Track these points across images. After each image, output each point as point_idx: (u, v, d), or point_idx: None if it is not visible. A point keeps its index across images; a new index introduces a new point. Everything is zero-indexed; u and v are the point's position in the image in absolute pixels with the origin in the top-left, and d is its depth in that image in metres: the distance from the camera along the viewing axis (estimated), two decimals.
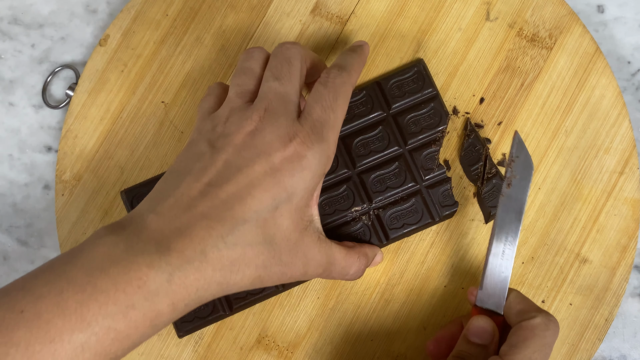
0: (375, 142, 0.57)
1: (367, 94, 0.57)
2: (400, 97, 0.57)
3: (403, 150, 0.57)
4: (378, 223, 0.56)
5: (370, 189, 0.56)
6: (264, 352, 0.58)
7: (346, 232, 0.55)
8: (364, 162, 0.57)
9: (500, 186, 0.57)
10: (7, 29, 0.65)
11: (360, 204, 0.56)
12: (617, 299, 0.58)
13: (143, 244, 0.40)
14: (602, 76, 0.60)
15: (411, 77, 0.58)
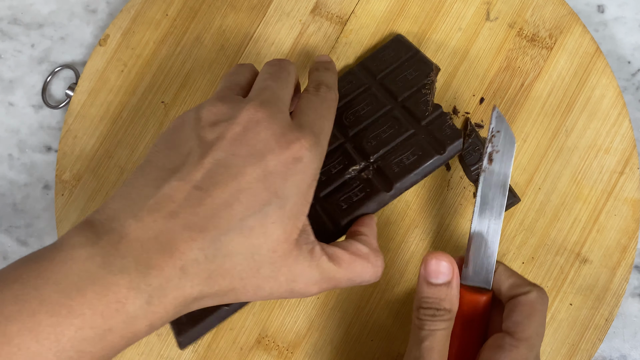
0: (364, 107, 0.55)
1: (352, 74, 0.58)
2: (384, 67, 0.57)
3: (394, 106, 0.54)
4: (380, 175, 0.51)
5: (367, 146, 0.52)
6: (264, 352, 0.58)
7: (344, 193, 0.51)
8: (357, 129, 0.54)
9: None
10: (7, 29, 0.65)
11: (358, 163, 0.52)
12: (617, 299, 0.58)
13: (121, 259, 0.37)
14: (603, 76, 0.60)
15: (391, 48, 0.59)
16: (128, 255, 0.37)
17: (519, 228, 0.58)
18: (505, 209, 0.58)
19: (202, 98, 0.60)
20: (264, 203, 0.39)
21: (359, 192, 0.50)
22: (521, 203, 0.59)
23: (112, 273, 0.36)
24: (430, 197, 0.59)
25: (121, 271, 0.36)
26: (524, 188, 0.59)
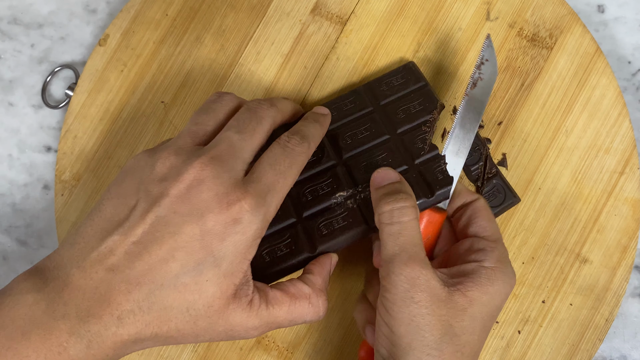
0: (363, 132, 0.54)
1: (356, 93, 0.57)
2: (390, 94, 0.56)
3: (392, 136, 0.54)
4: (365, 206, 0.50)
5: (357, 174, 0.52)
6: (263, 353, 0.57)
7: (327, 218, 0.51)
8: (351, 153, 0.53)
9: (500, 186, 0.57)
10: (7, 29, 0.65)
11: (346, 189, 0.51)
12: (618, 299, 0.58)
13: (64, 306, 0.40)
14: (603, 76, 0.60)
15: (400, 74, 0.57)
16: (70, 302, 0.40)
17: (519, 228, 0.58)
18: (505, 209, 0.58)
19: (201, 98, 0.60)
20: (199, 262, 0.41)
21: (341, 219, 0.50)
22: (521, 203, 0.59)
23: (54, 319, 0.39)
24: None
25: (63, 317, 0.39)
26: (524, 188, 0.59)
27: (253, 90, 0.60)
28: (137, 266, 0.41)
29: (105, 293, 0.40)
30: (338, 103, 0.56)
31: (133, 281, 0.40)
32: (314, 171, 0.53)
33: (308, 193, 0.52)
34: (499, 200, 0.57)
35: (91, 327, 0.39)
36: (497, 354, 0.57)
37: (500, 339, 0.57)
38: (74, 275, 0.41)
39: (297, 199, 0.51)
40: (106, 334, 0.40)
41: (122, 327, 0.40)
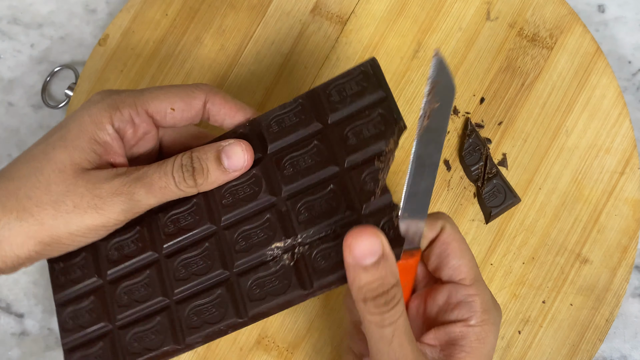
0: (307, 160, 0.45)
1: (302, 103, 0.46)
2: (341, 103, 0.45)
3: (339, 171, 0.44)
4: (303, 264, 0.43)
5: (296, 220, 0.44)
6: (263, 353, 0.57)
7: (262, 276, 0.44)
8: (292, 186, 0.45)
9: (500, 186, 0.57)
10: (7, 29, 0.64)
11: (283, 239, 0.44)
12: (618, 299, 0.58)
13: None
14: (603, 76, 0.60)
15: (355, 79, 0.45)
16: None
17: (520, 228, 0.58)
18: (506, 209, 0.58)
19: None
20: (50, 135, 0.45)
21: (275, 280, 0.44)
22: (521, 203, 0.59)
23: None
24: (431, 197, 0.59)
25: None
26: (525, 188, 0.59)
27: (253, 90, 0.60)
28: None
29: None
30: (280, 115, 0.46)
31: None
32: (248, 209, 0.46)
33: (241, 239, 0.45)
34: (499, 200, 0.57)
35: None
36: (497, 354, 0.57)
37: (500, 339, 0.57)
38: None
39: (229, 246, 0.45)
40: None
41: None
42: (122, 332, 0.47)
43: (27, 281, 0.62)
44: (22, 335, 0.62)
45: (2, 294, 0.62)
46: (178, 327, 0.45)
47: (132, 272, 0.47)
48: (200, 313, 0.45)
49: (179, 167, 0.44)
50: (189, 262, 0.46)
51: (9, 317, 0.62)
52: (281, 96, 0.60)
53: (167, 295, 0.46)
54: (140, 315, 0.47)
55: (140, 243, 0.47)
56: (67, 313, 0.48)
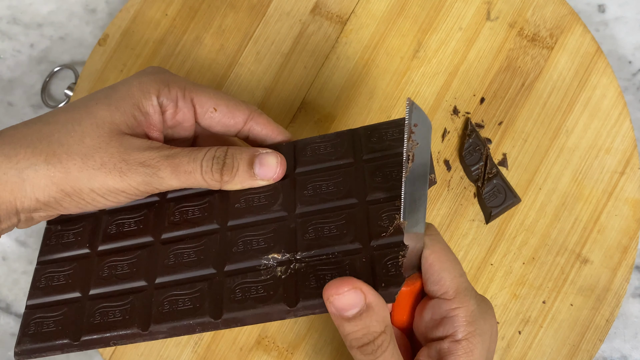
0: (329, 186, 0.45)
1: (342, 136, 0.48)
2: (379, 145, 0.47)
3: (359, 202, 0.45)
4: (294, 281, 0.43)
5: (301, 238, 0.44)
6: (263, 353, 0.57)
7: (249, 282, 0.43)
8: (308, 207, 0.45)
9: (500, 186, 0.57)
10: (7, 29, 0.64)
11: (282, 252, 0.44)
12: (618, 299, 0.58)
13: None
14: (603, 76, 0.60)
15: (399, 128, 0.47)
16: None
17: (520, 228, 0.58)
18: (506, 209, 0.58)
19: None
20: (96, 93, 0.45)
21: (261, 288, 0.43)
22: (522, 203, 0.58)
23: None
24: (431, 197, 0.59)
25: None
26: (525, 188, 0.59)
27: (253, 90, 0.60)
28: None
29: None
30: (317, 143, 0.48)
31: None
32: (258, 218, 0.46)
33: (241, 243, 0.45)
34: (499, 201, 0.57)
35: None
36: (497, 355, 0.57)
37: (500, 339, 0.57)
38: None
39: (227, 246, 0.45)
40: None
41: (0, 140, 0.43)
42: (89, 303, 0.45)
43: (27, 281, 0.62)
44: None
45: (2, 294, 0.62)
46: (147, 311, 0.44)
47: (123, 250, 0.47)
48: (175, 303, 0.44)
49: (210, 157, 0.45)
50: (181, 252, 0.46)
51: (9, 317, 0.62)
52: (281, 96, 0.60)
53: (149, 279, 0.45)
54: (114, 291, 0.46)
55: (141, 225, 0.47)
56: (44, 273, 0.47)
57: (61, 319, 0.45)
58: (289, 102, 0.60)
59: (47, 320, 0.45)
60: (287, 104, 0.60)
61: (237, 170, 0.45)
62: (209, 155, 0.45)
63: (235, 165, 0.45)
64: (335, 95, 0.60)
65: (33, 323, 0.45)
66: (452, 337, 0.41)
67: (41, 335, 0.45)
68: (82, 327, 0.44)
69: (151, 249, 0.47)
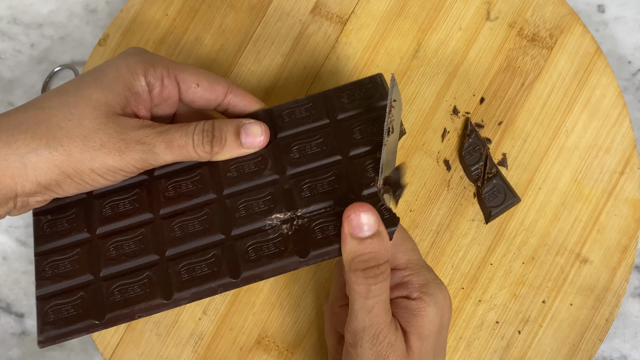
0: (313, 147, 0.49)
1: (314, 99, 0.51)
2: (350, 108, 0.50)
3: (343, 158, 0.49)
4: (300, 235, 0.46)
5: (298, 196, 0.47)
6: (263, 353, 0.57)
7: (260, 242, 0.47)
8: (297, 169, 0.49)
9: (500, 186, 0.57)
10: (7, 29, 0.65)
11: (284, 211, 0.47)
12: (618, 299, 0.58)
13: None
14: (603, 76, 0.60)
15: (365, 87, 0.51)
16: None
17: (520, 228, 0.58)
18: (505, 209, 0.58)
19: None
20: (84, 75, 0.46)
21: (272, 246, 0.46)
22: (521, 203, 0.59)
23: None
24: (430, 197, 0.59)
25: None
26: (525, 188, 0.59)
27: (253, 90, 0.60)
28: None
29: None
30: (292, 108, 0.51)
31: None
32: (252, 183, 0.49)
33: (242, 208, 0.48)
34: (499, 200, 0.57)
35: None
36: (497, 354, 0.57)
37: (500, 339, 0.57)
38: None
39: (229, 213, 0.48)
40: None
41: None
42: (105, 284, 0.47)
43: (27, 281, 0.62)
44: (22, 335, 0.62)
45: (2, 294, 0.62)
46: (167, 282, 0.46)
47: (125, 230, 0.48)
48: (193, 271, 0.46)
49: (200, 131, 0.47)
50: (186, 224, 0.48)
51: (9, 317, 0.62)
52: (281, 96, 0.60)
53: (159, 252, 0.47)
54: (127, 269, 0.47)
55: (137, 204, 0.49)
56: (47, 262, 0.48)
57: (80, 302, 0.46)
58: None
59: (65, 306, 0.47)
60: None
61: (225, 141, 0.48)
62: (198, 129, 0.47)
63: (223, 136, 0.48)
64: None
65: (50, 311, 0.46)
66: (407, 297, 0.46)
67: (63, 321, 0.46)
68: (104, 306, 0.46)
69: (153, 225, 0.48)
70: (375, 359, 0.43)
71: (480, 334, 0.58)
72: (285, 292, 0.58)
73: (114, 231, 0.48)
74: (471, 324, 0.58)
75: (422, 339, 0.45)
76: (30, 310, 0.62)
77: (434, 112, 0.60)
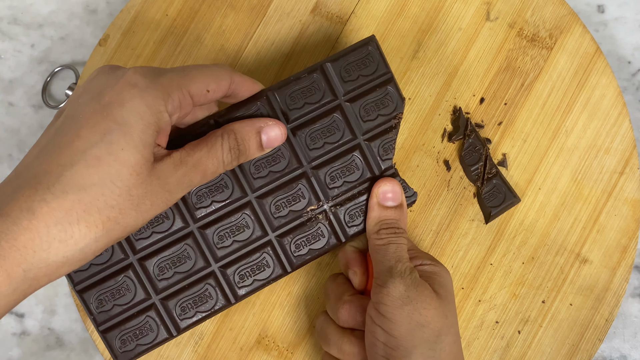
0: (326, 132, 0.52)
1: (315, 78, 0.52)
2: (352, 80, 0.52)
3: (357, 143, 0.52)
4: (336, 222, 0.52)
5: (326, 184, 0.52)
6: (264, 353, 0.57)
7: (303, 234, 0.52)
8: (317, 156, 0.52)
9: (500, 186, 0.57)
10: (7, 29, 0.65)
11: (316, 202, 0.52)
12: (618, 299, 0.58)
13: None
14: (603, 76, 0.60)
15: (361, 58, 0.52)
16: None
17: (519, 228, 0.58)
18: (505, 209, 0.58)
19: None
20: (105, 132, 0.40)
21: (313, 237, 0.52)
22: (521, 203, 0.59)
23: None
24: (431, 197, 0.59)
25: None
26: (524, 188, 0.59)
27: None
28: (45, 159, 0.40)
29: (14, 192, 0.39)
30: (296, 87, 0.52)
31: (41, 172, 0.39)
32: (280, 181, 0.52)
33: (278, 205, 0.52)
34: (499, 200, 0.57)
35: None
36: (497, 354, 0.57)
37: (500, 339, 0.58)
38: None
39: (268, 214, 0.52)
40: (16, 229, 0.37)
41: (35, 219, 0.38)
42: (165, 303, 0.51)
43: None
44: (22, 335, 0.62)
45: None
46: (229, 286, 0.51)
47: (163, 248, 0.50)
48: (249, 275, 0.52)
49: (227, 150, 0.47)
50: (224, 231, 0.51)
51: (9, 317, 0.62)
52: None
53: (208, 262, 0.51)
54: (183, 286, 0.51)
55: (170, 218, 0.51)
56: (95, 297, 0.50)
57: (147, 324, 0.50)
58: None
59: (133, 331, 0.50)
60: None
61: (249, 151, 0.48)
62: (225, 149, 0.47)
63: (247, 147, 0.48)
64: None
65: (119, 340, 0.50)
66: (421, 265, 0.50)
67: (136, 344, 0.50)
68: (174, 321, 0.51)
69: (193, 237, 0.51)
70: (406, 290, 0.47)
71: (480, 333, 0.58)
72: (285, 292, 0.58)
73: (153, 252, 0.50)
74: (471, 323, 0.58)
75: (445, 288, 0.49)
76: (30, 311, 0.62)
77: (433, 112, 0.60)
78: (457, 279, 0.58)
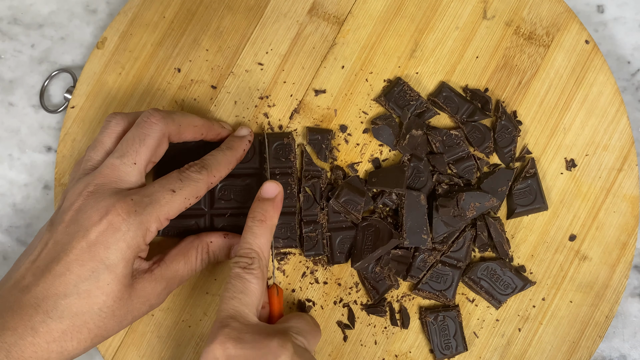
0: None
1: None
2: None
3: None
4: (390, 221, 0.56)
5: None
6: None
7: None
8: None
9: (534, 188, 0.57)
10: (7, 29, 0.65)
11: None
12: (617, 295, 0.57)
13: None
14: (600, 73, 0.60)
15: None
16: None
17: (518, 226, 0.58)
18: (531, 212, 0.58)
19: (200, 100, 0.61)
20: (93, 270, 0.47)
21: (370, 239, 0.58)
22: None
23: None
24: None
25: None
26: None
27: (251, 91, 0.60)
28: (41, 283, 0.47)
29: (18, 309, 0.46)
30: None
31: (40, 295, 0.46)
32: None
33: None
34: (528, 201, 0.57)
35: (7, 339, 0.45)
36: (497, 352, 0.57)
37: (500, 336, 0.57)
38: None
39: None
40: (23, 343, 0.45)
41: (37, 336, 0.46)
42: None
43: None
44: None
45: None
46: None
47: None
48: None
49: (200, 262, 0.55)
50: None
51: None
52: (279, 98, 0.60)
53: None
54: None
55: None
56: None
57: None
58: (287, 103, 0.60)
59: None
60: (285, 105, 0.60)
61: (217, 260, 0.57)
62: (198, 260, 0.55)
63: (216, 258, 0.56)
64: (333, 95, 0.60)
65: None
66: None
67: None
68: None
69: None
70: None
71: (481, 332, 0.57)
72: (284, 292, 0.58)
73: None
74: (471, 322, 0.58)
75: None
76: None
77: None
78: None
